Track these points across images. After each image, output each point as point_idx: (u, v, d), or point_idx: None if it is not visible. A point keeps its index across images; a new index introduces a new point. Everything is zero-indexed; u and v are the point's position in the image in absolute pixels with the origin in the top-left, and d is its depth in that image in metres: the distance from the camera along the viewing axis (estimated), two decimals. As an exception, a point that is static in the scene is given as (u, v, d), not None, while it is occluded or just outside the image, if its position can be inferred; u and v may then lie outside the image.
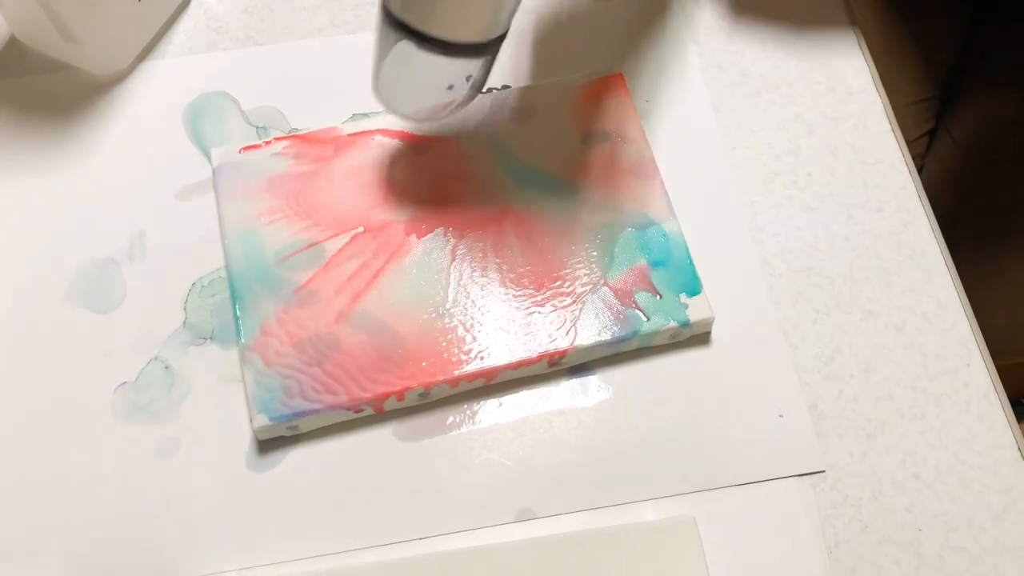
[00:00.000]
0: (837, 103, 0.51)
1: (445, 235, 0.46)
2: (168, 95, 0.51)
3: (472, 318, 0.44)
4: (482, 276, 0.45)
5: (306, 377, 0.43)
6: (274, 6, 0.54)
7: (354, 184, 0.47)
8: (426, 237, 0.46)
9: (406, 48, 0.39)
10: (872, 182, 0.49)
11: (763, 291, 0.46)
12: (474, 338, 0.43)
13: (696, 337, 0.45)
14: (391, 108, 0.43)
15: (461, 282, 0.45)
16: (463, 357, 0.43)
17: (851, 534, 0.42)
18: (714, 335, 0.45)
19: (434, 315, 0.44)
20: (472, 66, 0.41)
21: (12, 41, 0.52)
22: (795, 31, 0.53)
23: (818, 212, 0.48)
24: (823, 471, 0.43)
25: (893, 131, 0.50)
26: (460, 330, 0.44)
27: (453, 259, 0.45)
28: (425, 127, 0.48)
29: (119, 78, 0.52)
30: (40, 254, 0.47)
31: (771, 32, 0.53)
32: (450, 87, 0.41)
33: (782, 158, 0.50)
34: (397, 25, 0.39)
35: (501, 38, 0.40)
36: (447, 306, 0.44)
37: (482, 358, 0.43)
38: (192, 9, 0.54)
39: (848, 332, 0.46)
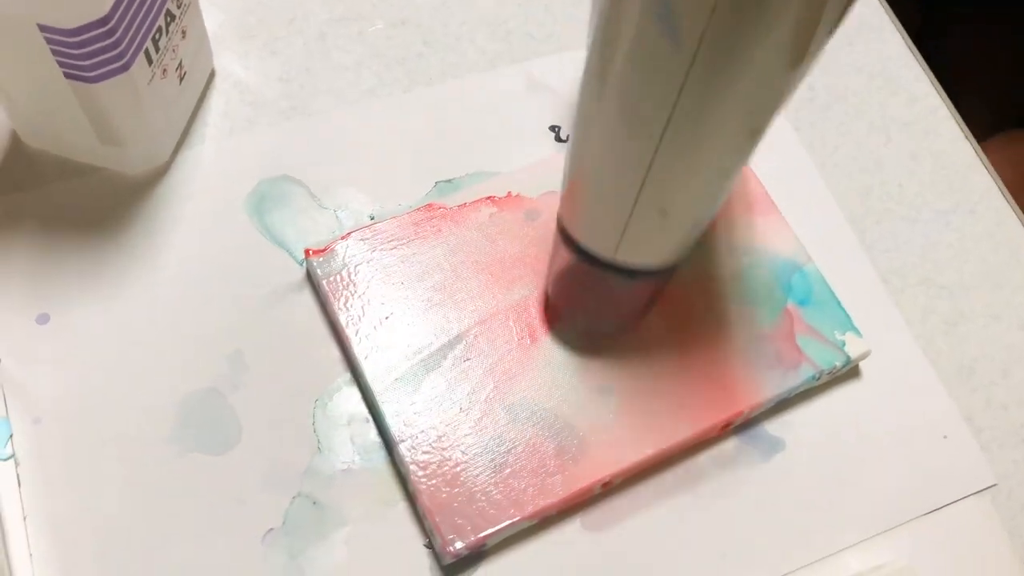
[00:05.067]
0: (904, 108, 0.52)
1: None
2: (221, 186, 0.45)
3: (639, 396, 0.41)
4: (636, 349, 0.42)
5: (487, 488, 0.39)
6: (312, 68, 0.48)
7: (474, 263, 0.43)
8: (566, 310, 0.43)
9: (613, 280, 0.39)
10: (957, 185, 0.50)
11: (892, 310, 0.46)
12: (645, 417, 0.41)
13: (848, 372, 0.45)
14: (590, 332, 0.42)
15: (615, 357, 0.42)
16: (639, 440, 0.41)
17: (1036, 540, 0.43)
18: (862, 365, 0.45)
19: (601, 397, 0.41)
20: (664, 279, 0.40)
21: (14, 147, 0.44)
22: (846, 42, 0.53)
23: (918, 223, 0.49)
24: (995, 484, 0.44)
25: (964, 134, 0.51)
26: (631, 410, 0.41)
27: (602, 333, 0.43)
28: (535, 191, 0.45)
29: (158, 175, 0.45)
30: (129, 398, 0.41)
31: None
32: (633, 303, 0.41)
33: (870, 172, 0.50)
34: (605, 266, 0.38)
35: None
36: (611, 386, 0.41)
37: (659, 438, 0.41)
38: (219, 83, 0.47)
39: (978, 339, 0.46)
